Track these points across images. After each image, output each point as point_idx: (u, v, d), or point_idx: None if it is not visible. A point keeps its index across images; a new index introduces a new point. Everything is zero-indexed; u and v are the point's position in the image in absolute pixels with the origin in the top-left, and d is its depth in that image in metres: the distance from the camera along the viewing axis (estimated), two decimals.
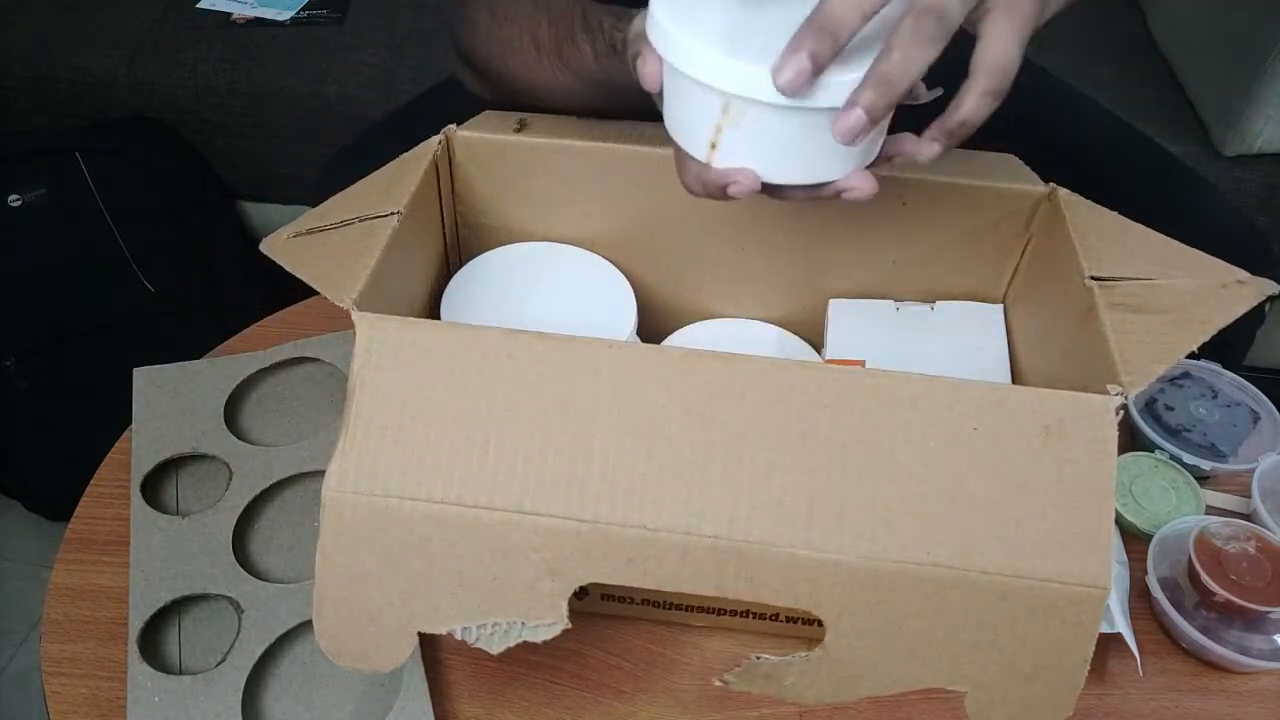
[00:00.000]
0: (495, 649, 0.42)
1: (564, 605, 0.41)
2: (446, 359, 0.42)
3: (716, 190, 0.46)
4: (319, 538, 0.42)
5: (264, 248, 0.49)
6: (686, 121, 0.46)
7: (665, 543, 0.40)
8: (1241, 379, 0.69)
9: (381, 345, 0.42)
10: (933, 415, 0.41)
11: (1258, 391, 0.68)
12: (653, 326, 0.66)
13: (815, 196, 0.46)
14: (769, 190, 0.46)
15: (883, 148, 0.47)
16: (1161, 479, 0.63)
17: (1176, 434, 0.65)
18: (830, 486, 0.40)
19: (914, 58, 0.39)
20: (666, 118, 0.48)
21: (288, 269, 0.46)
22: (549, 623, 0.42)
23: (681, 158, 0.48)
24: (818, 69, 0.40)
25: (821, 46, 0.39)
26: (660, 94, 0.48)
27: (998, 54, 0.41)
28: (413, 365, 0.42)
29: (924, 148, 0.45)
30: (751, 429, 0.41)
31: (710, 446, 0.41)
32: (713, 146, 0.45)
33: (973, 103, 0.42)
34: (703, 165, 0.46)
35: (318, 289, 0.45)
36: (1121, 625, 0.54)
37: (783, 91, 0.40)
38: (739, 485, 0.40)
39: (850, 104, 0.41)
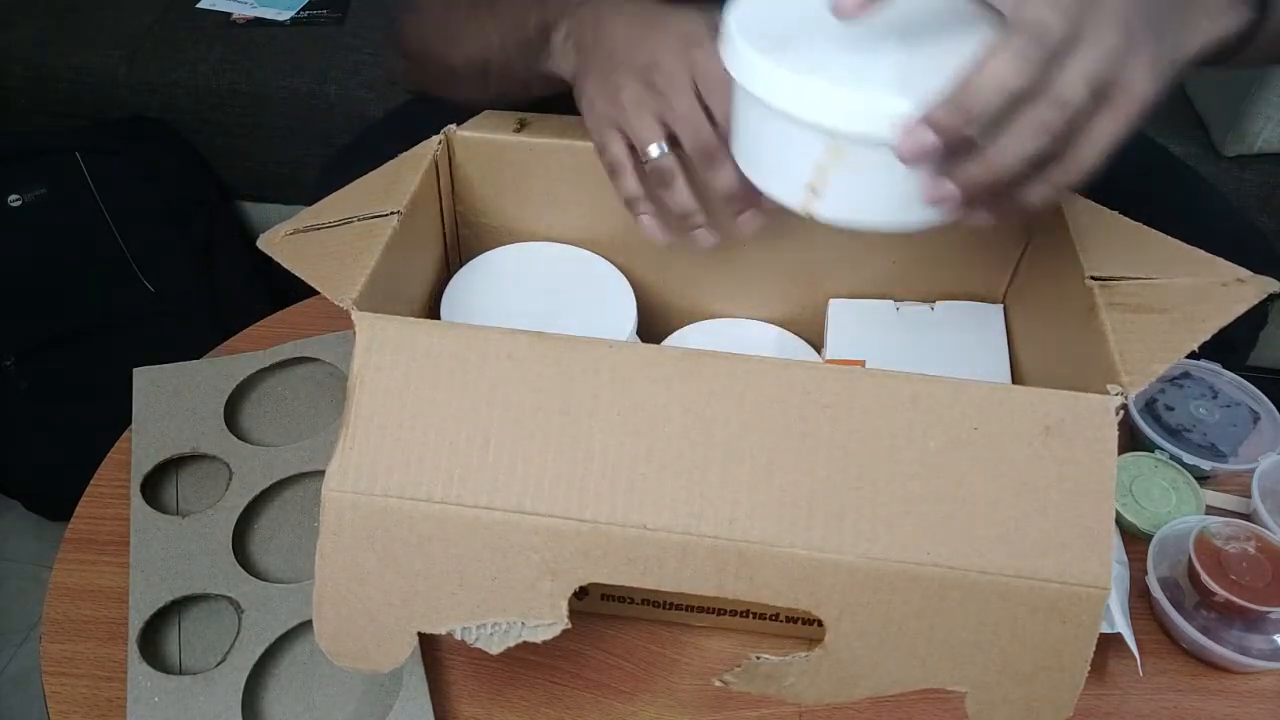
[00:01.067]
0: (495, 649, 0.42)
1: (564, 605, 0.41)
2: (446, 359, 0.42)
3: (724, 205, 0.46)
4: (319, 537, 0.42)
5: (261, 244, 0.49)
6: (777, 165, 0.41)
7: (665, 543, 0.40)
8: (1241, 379, 0.69)
9: (381, 345, 0.42)
10: (933, 415, 0.41)
11: (1257, 391, 0.68)
12: (653, 326, 0.66)
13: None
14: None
15: None
16: (1161, 479, 0.63)
17: (1177, 434, 0.65)
18: (830, 486, 0.40)
19: (1024, 147, 0.38)
20: (744, 159, 0.44)
21: (285, 266, 0.46)
22: (549, 623, 0.42)
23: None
24: (948, 147, 0.38)
25: (953, 123, 0.37)
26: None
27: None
28: (413, 365, 0.42)
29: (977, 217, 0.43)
30: (751, 429, 0.41)
31: (710, 446, 0.41)
32: (813, 192, 0.41)
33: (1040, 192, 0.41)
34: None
35: (317, 288, 0.45)
36: (1122, 625, 0.54)
37: (903, 160, 0.38)
38: (739, 485, 0.40)
39: (942, 177, 0.39)
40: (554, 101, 0.63)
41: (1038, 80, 0.37)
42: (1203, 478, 0.64)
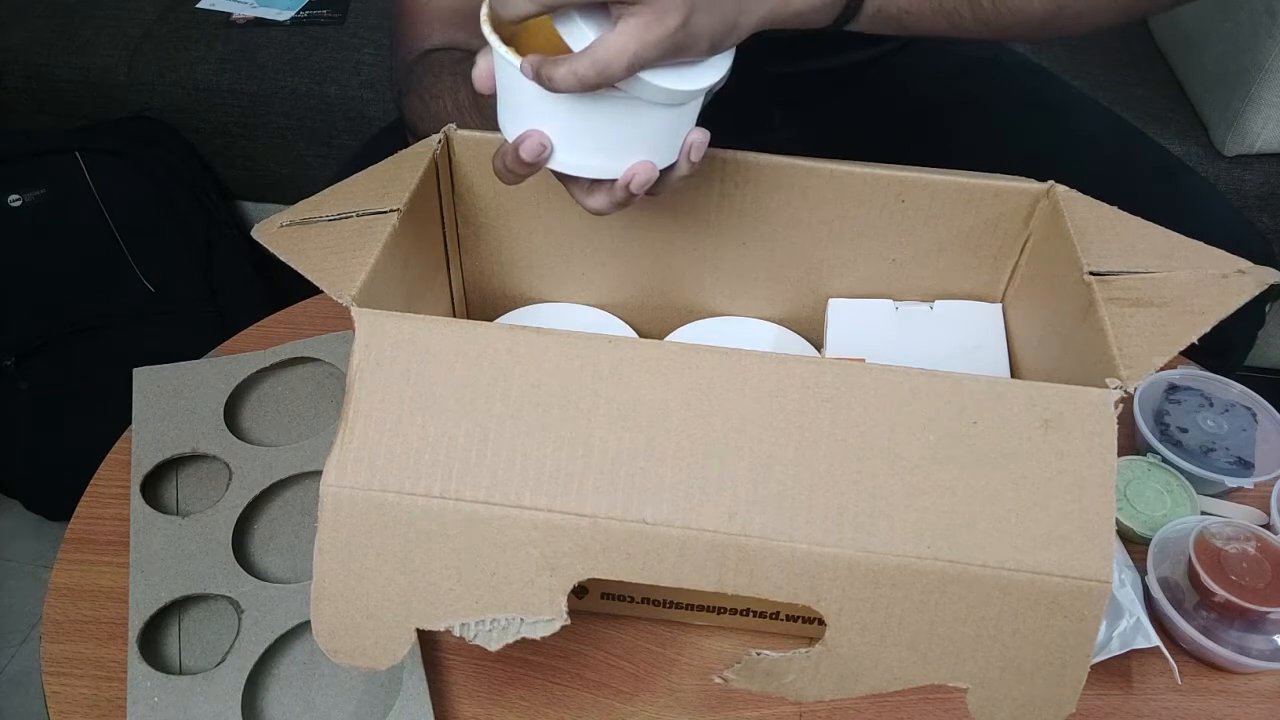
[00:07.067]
0: (494, 645, 0.42)
1: (563, 600, 0.41)
2: (445, 354, 0.42)
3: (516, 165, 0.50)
4: (316, 533, 0.41)
5: (256, 234, 0.48)
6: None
7: (664, 537, 0.40)
8: (1224, 378, 0.68)
9: (380, 340, 0.42)
10: (932, 409, 0.41)
11: (1242, 387, 0.67)
12: (653, 325, 0.66)
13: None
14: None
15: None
16: (1155, 482, 0.63)
17: (1205, 456, 0.63)
18: (830, 481, 0.40)
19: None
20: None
21: (280, 257, 0.46)
22: (548, 619, 0.42)
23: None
24: None
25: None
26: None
27: (598, 48, 0.43)
28: (411, 360, 0.42)
29: None
30: (751, 423, 0.41)
31: (710, 441, 0.41)
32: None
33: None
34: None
35: (314, 282, 0.45)
36: (1156, 639, 0.53)
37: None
38: (738, 479, 0.40)
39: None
40: None
41: None
42: (1223, 492, 0.63)
